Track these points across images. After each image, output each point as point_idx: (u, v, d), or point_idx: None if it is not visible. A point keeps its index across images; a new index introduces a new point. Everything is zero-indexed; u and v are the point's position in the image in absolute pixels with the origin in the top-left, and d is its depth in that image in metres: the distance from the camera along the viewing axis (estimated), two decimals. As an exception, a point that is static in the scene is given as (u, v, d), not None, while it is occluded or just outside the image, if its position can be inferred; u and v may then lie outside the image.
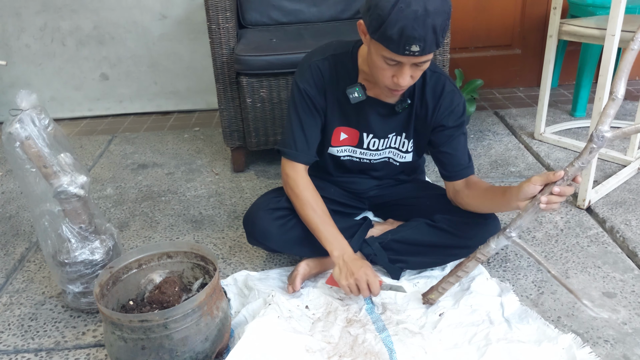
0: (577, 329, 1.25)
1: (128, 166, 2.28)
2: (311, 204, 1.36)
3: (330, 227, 1.35)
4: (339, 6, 2.23)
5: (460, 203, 1.40)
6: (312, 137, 1.39)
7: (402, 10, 1.07)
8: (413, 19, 1.07)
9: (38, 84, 2.84)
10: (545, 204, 1.11)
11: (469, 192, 1.37)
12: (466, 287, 1.37)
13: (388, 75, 1.20)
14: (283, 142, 1.41)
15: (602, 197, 1.80)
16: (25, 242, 1.74)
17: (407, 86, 1.22)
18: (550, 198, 1.11)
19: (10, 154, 1.25)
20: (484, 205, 1.35)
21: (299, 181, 1.38)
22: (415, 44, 1.09)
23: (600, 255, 1.52)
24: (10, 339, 1.32)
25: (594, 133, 1.05)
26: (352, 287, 1.28)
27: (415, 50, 1.11)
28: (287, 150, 1.39)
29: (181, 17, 2.74)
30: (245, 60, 1.85)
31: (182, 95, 2.92)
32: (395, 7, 1.07)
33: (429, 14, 1.07)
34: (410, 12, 1.06)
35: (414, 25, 1.07)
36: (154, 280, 1.29)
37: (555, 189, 1.10)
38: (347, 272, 1.28)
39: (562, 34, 2.07)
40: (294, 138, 1.38)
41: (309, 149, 1.40)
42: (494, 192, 1.29)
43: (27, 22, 2.70)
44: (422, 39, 1.09)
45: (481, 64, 2.89)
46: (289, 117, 1.40)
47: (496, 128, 2.45)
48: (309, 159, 1.41)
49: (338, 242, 1.33)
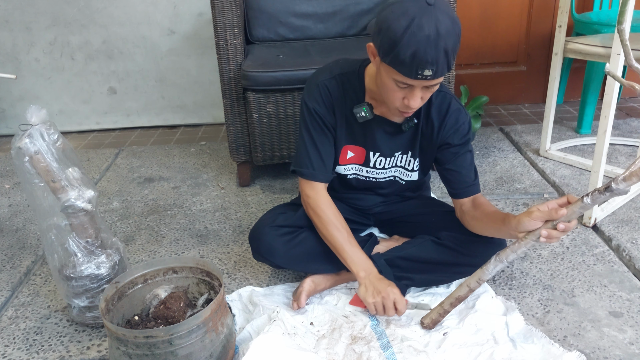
0: (583, 349, 1.24)
1: (134, 180, 2.29)
2: (334, 223, 1.36)
3: (354, 247, 1.35)
4: (345, 23, 2.25)
5: (466, 224, 1.40)
6: (326, 154, 1.40)
7: (415, 34, 1.06)
8: (425, 42, 1.06)
9: (47, 98, 2.86)
10: (546, 237, 1.09)
11: (474, 213, 1.37)
12: (471, 305, 1.36)
13: (399, 97, 1.20)
14: (298, 163, 1.40)
15: (608, 215, 1.79)
16: (32, 255, 1.75)
17: (417, 108, 1.22)
18: (551, 233, 1.09)
19: (19, 167, 1.26)
20: (485, 229, 1.34)
21: (319, 200, 1.38)
22: (428, 68, 1.09)
23: (607, 274, 1.51)
24: (15, 353, 1.32)
25: (614, 184, 1.01)
26: (378, 305, 1.28)
27: (427, 75, 1.11)
28: (304, 170, 1.39)
29: (189, 32, 2.77)
30: (252, 76, 1.87)
31: (189, 109, 2.95)
32: (407, 31, 1.07)
33: (441, 37, 1.07)
34: (422, 36, 1.06)
35: (427, 49, 1.07)
36: (159, 295, 1.29)
37: (561, 226, 1.07)
38: (373, 291, 1.29)
39: (567, 52, 2.08)
40: (310, 157, 1.38)
41: (326, 167, 1.40)
42: (494, 218, 1.28)
43: (37, 36, 2.74)
44: (434, 63, 1.08)
45: (487, 80, 2.90)
46: (302, 137, 1.40)
47: (501, 144, 2.45)
48: (327, 177, 1.41)
49: (364, 262, 1.34)
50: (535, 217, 1.10)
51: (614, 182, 1.01)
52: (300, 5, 2.23)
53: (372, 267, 1.34)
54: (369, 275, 1.31)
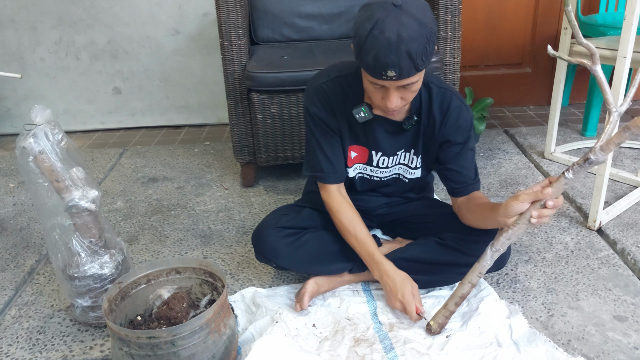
0: (587, 353, 1.23)
1: (138, 179, 2.29)
2: (347, 227, 1.39)
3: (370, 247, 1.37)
4: (350, 24, 2.24)
5: (462, 218, 1.41)
6: (334, 156, 1.40)
7: (376, 37, 1.10)
8: (386, 46, 1.09)
9: (52, 97, 2.87)
10: (536, 218, 1.11)
11: (468, 205, 1.38)
12: (474, 308, 1.36)
13: (378, 97, 1.23)
14: (309, 167, 1.44)
15: (613, 218, 1.78)
16: (35, 254, 1.75)
17: (398, 107, 1.23)
18: (541, 212, 1.11)
19: (23, 167, 1.26)
20: (476, 220, 1.35)
21: (331, 203, 1.41)
22: (390, 70, 1.12)
23: (611, 277, 1.50)
24: (19, 352, 1.32)
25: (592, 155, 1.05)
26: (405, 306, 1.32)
27: (391, 75, 1.13)
28: (316, 174, 1.42)
29: (194, 33, 2.77)
30: (256, 77, 1.87)
31: (193, 109, 2.95)
32: (370, 34, 1.11)
33: (402, 41, 1.09)
34: (383, 40, 1.09)
35: (387, 52, 1.10)
36: (162, 295, 1.29)
37: (549, 203, 1.10)
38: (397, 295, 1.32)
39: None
40: (318, 161, 1.40)
41: (335, 168, 1.41)
42: (484, 208, 1.30)
43: (42, 36, 2.75)
44: (396, 65, 1.11)
45: (491, 82, 2.89)
46: (308, 141, 1.42)
47: (506, 147, 2.45)
48: (339, 178, 1.42)
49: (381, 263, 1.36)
50: (522, 199, 1.12)
51: (592, 152, 1.06)
52: (305, 6, 2.23)
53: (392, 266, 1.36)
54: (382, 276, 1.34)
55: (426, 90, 1.35)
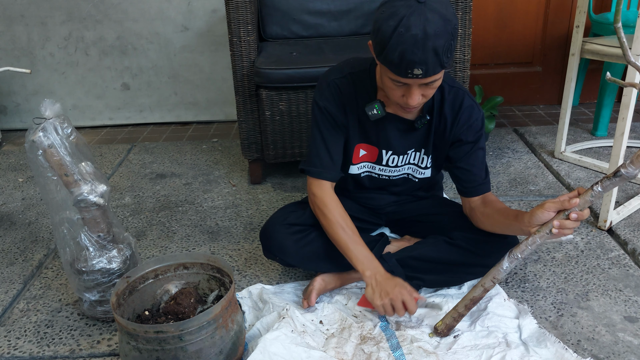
0: (597, 354, 1.22)
1: (146, 175, 2.30)
2: (340, 223, 1.34)
3: (360, 246, 1.33)
4: (359, 21, 2.24)
5: (475, 221, 1.39)
6: (336, 153, 1.39)
7: (402, 35, 1.08)
8: (413, 43, 1.07)
9: (61, 92, 2.88)
10: (557, 229, 1.09)
11: (484, 210, 1.35)
12: (483, 307, 1.35)
13: (398, 94, 1.21)
14: (308, 161, 1.40)
15: (623, 218, 1.76)
16: (44, 248, 1.76)
17: (419, 105, 1.22)
18: (564, 223, 1.08)
19: (32, 161, 1.27)
20: (496, 226, 1.32)
21: (326, 200, 1.37)
22: (417, 68, 1.10)
23: (622, 278, 1.49)
24: (26, 346, 1.33)
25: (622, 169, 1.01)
26: (387, 307, 1.26)
27: (418, 74, 1.11)
28: (312, 168, 1.39)
29: (203, 29, 2.77)
30: (265, 74, 1.86)
31: (202, 106, 2.95)
32: (395, 32, 1.08)
33: (428, 37, 1.07)
34: (409, 37, 1.07)
35: (414, 50, 1.08)
36: (169, 290, 1.29)
37: (573, 215, 1.08)
38: (381, 292, 1.27)
39: (584, 53, 2.05)
40: (319, 156, 1.38)
41: (334, 166, 1.39)
42: (506, 215, 1.27)
43: (52, 31, 2.76)
44: (423, 62, 1.09)
45: (501, 80, 2.87)
46: (312, 135, 1.40)
47: (515, 146, 2.43)
48: (335, 176, 1.40)
49: (369, 261, 1.31)
50: (548, 208, 1.10)
51: (622, 167, 1.03)
52: (314, 3, 2.22)
53: (379, 266, 1.31)
54: (375, 275, 1.29)
55: (438, 89, 1.33)
